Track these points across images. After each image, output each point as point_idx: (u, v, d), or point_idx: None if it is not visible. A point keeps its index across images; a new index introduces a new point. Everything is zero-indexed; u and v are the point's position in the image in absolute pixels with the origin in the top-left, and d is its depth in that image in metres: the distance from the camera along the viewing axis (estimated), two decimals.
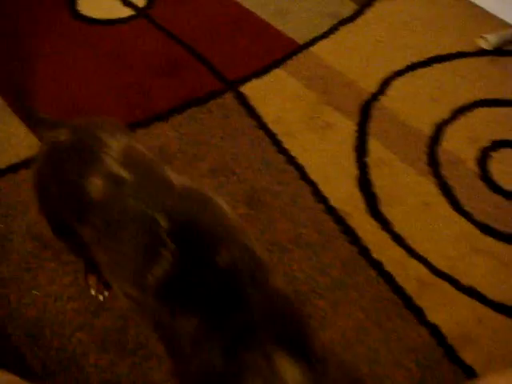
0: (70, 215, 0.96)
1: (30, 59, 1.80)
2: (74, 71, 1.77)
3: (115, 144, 0.94)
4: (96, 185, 0.89)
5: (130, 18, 1.93)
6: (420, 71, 1.80)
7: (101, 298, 1.32)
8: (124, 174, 0.88)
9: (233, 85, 1.71)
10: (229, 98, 1.68)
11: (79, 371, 1.21)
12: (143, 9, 1.96)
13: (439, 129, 1.64)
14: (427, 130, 1.64)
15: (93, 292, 1.33)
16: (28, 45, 1.85)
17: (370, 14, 1.96)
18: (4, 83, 1.72)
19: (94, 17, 1.93)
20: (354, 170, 1.54)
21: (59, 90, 1.71)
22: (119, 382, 1.20)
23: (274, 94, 1.70)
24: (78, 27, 1.90)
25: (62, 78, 1.75)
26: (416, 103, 1.71)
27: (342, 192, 1.50)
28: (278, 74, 1.75)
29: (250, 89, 1.71)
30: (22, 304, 1.30)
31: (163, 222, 0.82)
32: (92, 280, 1.34)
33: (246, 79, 1.73)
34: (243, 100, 1.67)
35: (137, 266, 0.84)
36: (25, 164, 1.49)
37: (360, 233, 1.43)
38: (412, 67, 1.80)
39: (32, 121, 1.31)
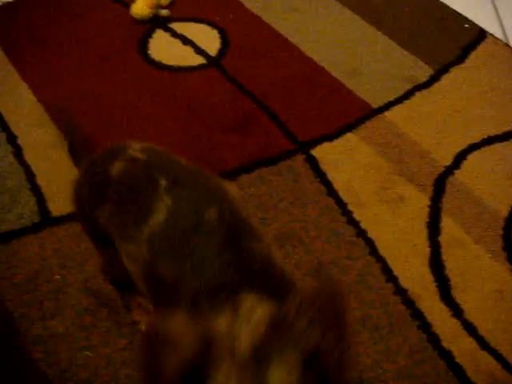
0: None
1: (94, 99, 1.80)
2: (140, 115, 1.75)
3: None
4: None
5: (200, 66, 1.91)
6: (497, 146, 1.72)
7: None
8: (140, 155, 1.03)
9: (303, 146, 1.66)
10: (299, 161, 1.62)
11: None
12: (215, 58, 1.94)
13: None
14: (504, 210, 1.56)
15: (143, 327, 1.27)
16: (94, 84, 1.85)
17: (446, 81, 1.90)
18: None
19: (165, 62, 1.92)
20: (425, 249, 1.47)
21: (123, 133, 1.69)
22: None
23: (346, 160, 1.64)
24: (148, 71, 1.89)
25: (126, 119, 1.74)
26: (492, 180, 1.63)
27: (413, 272, 1.43)
28: (350, 138, 1.69)
29: (320, 152, 1.65)
30: (73, 364, 1.25)
31: (163, 182, 0.94)
32: (139, 314, 1.30)
33: (317, 142, 1.67)
34: (314, 164, 1.62)
35: (136, 219, 0.94)
36: None
37: (430, 318, 1.35)
38: (489, 141, 1.73)
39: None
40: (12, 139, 1.65)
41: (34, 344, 1.27)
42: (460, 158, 1.68)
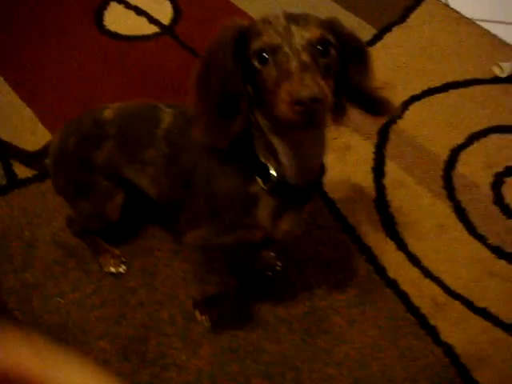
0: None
1: (53, 69, 1.86)
2: (99, 84, 1.82)
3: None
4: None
5: (155, 34, 1.98)
6: (437, 96, 1.83)
7: (122, 269, 1.39)
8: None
9: None
10: None
11: None
12: (168, 27, 2.01)
13: (455, 153, 1.68)
14: (443, 154, 1.68)
15: (112, 269, 1.38)
16: (54, 56, 1.91)
17: (388, 39, 2.00)
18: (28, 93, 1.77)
19: (120, 33, 1.98)
20: (371, 191, 1.58)
21: (83, 102, 1.76)
22: None
23: None
24: (105, 42, 1.95)
25: (87, 90, 1.80)
26: (433, 127, 1.74)
27: (360, 211, 1.54)
28: None
29: None
30: (46, 311, 1.34)
31: (161, 104, 1.14)
32: (105, 258, 1.40)
33: None
34: None
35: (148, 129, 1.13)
36: None
37: (376, 252, 1.46)
38: (429, 92, 1.84)
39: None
40: None
41: (7, 295, 1.35)
42: (402, 108, 1.79)
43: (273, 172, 0.95)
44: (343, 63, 0.88)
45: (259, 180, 0.97)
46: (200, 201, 1.07)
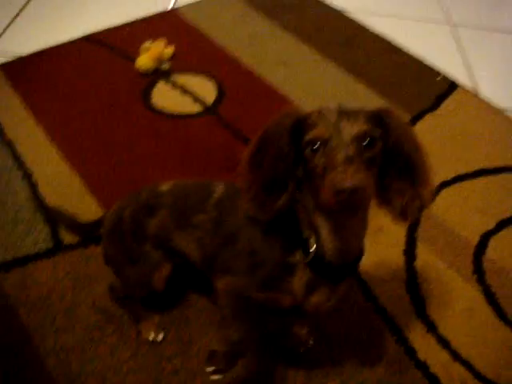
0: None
1: (102, 143, 1.97)
2: (144, 157, 1.92)
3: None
4: None
5: (198, 113, 2.10)
6: (467, 183, 1.90)
7: (160, 337, 1.43)
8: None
9: None
10: None
11: None
12: (212, 107, 2.13)
13: (485, 239, 1.72)
14: (473, 239, 1.72)
15: (151, 336, 1.43)
16: (101, 129, 2.02)
17: (421, 126, 2.09)
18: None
19: (166, 110, 2.10)
20: (402, 273, 1.62)
21: (127, 174, 1.85)
22: None
23: None
24: (151, 118, 2.07)
25: (132, 163, 1.90)
26: (463, 213, 1.79)
27: (391, 293, 1.56)
28: None
29: None
30: (83, 373, 1.37)
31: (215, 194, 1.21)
32: (146, 325, 1.44)
33: None
34: None
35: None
36: (95, 239, 1.60)
37: (407, 333, 1.48)
38: (459, 178, 1.90)
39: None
40: (27, 176, 1.82)
41: (47, 355, 1.39)
42: (434, 194, 1.84)
43: (313, 248, 1.01)
44: (390, 151, 0.94)
45: (300, 252, 1.04)
46: (240, 258, 1.13)
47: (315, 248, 1.01)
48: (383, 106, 0.98)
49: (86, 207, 1.72)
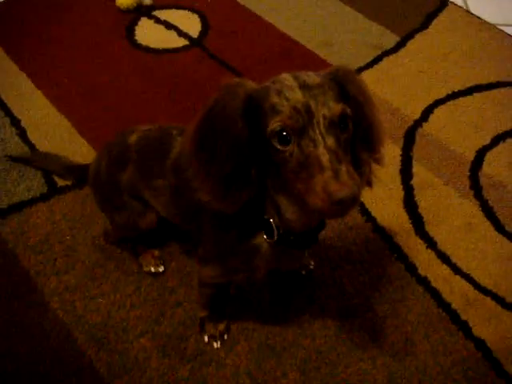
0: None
1: (88, 82, 1.94)
2: (131, 96, 1.89)
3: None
4: None
5: (184, 47, 2.06)
6: (461, 100, 1.87)
7: (161, 269, 1.44)
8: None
9: None
10: None
11: (142, 375, 1.28)
12: (197, 39, 2.08)
13: (481, 154, 1.71)
14: (469, 155, 1.71)
15: (152, 269, 1.44)
16: (88, 70, 1.99)
17: (411, 46, 2.05)
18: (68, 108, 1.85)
19: (151, 46, 2.06)
20: (399, 192, 1.61)
21: (116, 114, 1.83)
22: None
23: None
24: (137, 55, 2.03)
25: (120, 102, 1.87)
26: (458, 130, 1.78)
27: (389, 212, 1.57)
28: None
29: None
30: (88, 310, 1.38)
31: (174, 131, 1.17)
32: (145, 258, 1.45)
33: None
34: None
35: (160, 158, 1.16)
36: None
37: (406, 250, 1.49)
38: (453, 96, 1.88)
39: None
40: (16, 122, 1.79)
41: (51, 296, 1.40)
42: (427, 112, 1.83)
43: (274, 227, 0.96)
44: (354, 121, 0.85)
45: (263, 234, 0.99)
46: (208, 243, 1.13)
47: (279, 228, 0.96)
48: (339, 67, 0.89)
49: (77, 149, 1.70)
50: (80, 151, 1.69)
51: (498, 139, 1.76)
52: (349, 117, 0.81)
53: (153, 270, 1.43)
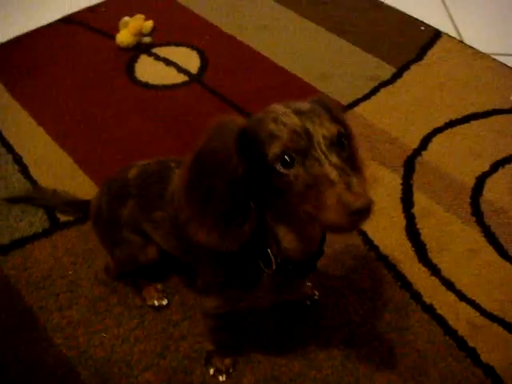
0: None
1: (90, 121, 1.95)
2: (132, 131, 1.90)
3: None
4: None
5: (184, 83, 2.09)
6: (459, 128, 1.89)
7: (164, 302, 1.43)
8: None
9: None
10: None
11: None
12: (196, 75, 2.11)
13: (481, 181, 1.72)
14: (469, 181, 1.72)
15: (156, 302, 1.43)
16: (87, 107, 2.00)
17: (407, 77, 2.08)
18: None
19: (151, 82, 2.09)
20: (401, 220, 1.62)
21: (117, 149, 1.84)
22: None
23: None
24: (137, 92, 2.05)
25: (121, 138, 1.88)
26: (457, 157, 1.79)
27: (392, 240, 1.57)
28: None
29: None
30: (91, 345, 1.37)
31: (172, 164, 1.18)
32: (149, 292, 1.45)
33: None
34: None
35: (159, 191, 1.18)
36: None
37: (410, 278, 1.49)
38: (451, 124, 1.90)
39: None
40: (17, 159, 1.80)
41: (53, 332, 1.38)
42: (426, 140, 1.85)
43: (273, 257, 0.96)
44: None
45: (262, 264, 0.98)
46: (207, 274, 1.13)
47: (277, 257, 0.96)
48: (319, 96, 0.91)
49: (79, 185, 1.71)
50: (82, 187, 1.70)
51: (497, 165, 1.77)
52: (345, 136, 0.82)
53: (156, 303, 1.42)
